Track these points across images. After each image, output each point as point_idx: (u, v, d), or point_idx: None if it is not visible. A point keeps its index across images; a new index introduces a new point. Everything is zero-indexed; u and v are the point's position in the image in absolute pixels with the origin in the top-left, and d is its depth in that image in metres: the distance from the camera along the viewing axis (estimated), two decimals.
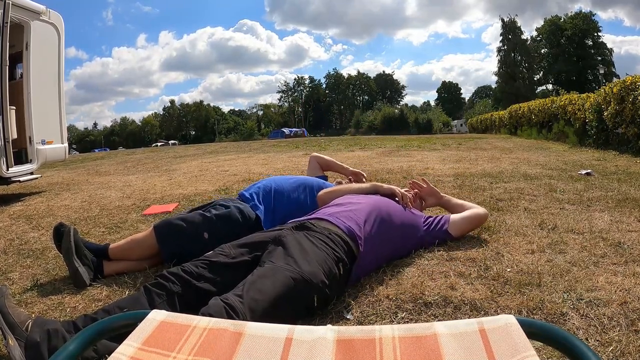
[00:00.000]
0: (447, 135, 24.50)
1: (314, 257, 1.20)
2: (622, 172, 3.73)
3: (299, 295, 1.11)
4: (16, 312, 1.06)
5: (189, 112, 64.58)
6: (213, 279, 1.22)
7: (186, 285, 1.19)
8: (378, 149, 8.47)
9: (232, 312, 0.97)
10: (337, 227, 1.37)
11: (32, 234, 2.42)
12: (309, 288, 1.12)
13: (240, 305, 0.99)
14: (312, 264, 1.17)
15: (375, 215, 1.48)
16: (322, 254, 1.23)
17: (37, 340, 0.99)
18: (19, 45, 4.10)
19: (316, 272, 1.16)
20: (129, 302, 1.14)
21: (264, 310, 1.01)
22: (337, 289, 1.25)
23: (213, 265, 1.26)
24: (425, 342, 0.50)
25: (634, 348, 0.94)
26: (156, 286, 1.18)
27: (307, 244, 1.26)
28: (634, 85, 5.75)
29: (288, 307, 1.09)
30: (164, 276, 1.21)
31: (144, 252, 1.65)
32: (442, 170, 4.29)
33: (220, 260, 1.27)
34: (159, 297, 1.15)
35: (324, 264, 1.20)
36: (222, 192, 3.49)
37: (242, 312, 0.98)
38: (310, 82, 67.31)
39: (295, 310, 1.12)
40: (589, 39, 42.57)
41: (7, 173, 3.73)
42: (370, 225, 1.44)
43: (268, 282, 1.08)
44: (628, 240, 1.70)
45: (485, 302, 1.20)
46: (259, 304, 1.01)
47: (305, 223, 1.40)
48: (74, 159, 10.45)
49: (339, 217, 1.43)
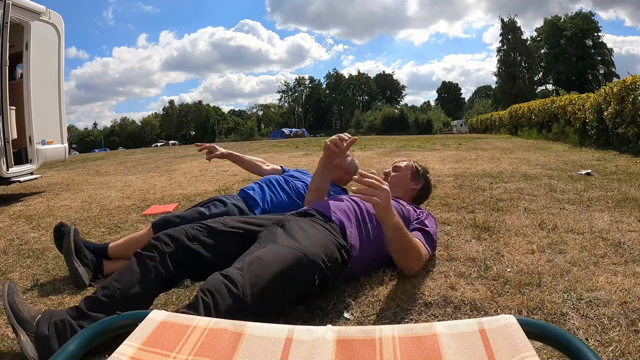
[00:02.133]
0: (447, 135, 24.51)
1: (317, 239, 1.21)
2: (622, 172, 3.73)
3: (301, 272, 1.10)
4: (26, 308, 1.07)
5: (189, 112, 64.57)
6: (206, 243, 1.24)
7: (178, 244, 1.20)
8: (378, 149, 8.47)
9: (230, 284, 0.95)
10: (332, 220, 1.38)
11: (32, 234, 2.42)
12: (311, 266, 1.11)
13: (240, 278, 0.97)
14: (315, 245, 1.17)
15: (357, 211, 1.47)
16: (325, 238, 1.24)
17: (47, 333, 1.01)
18: (19, 46, 4.10)
19: (319, 252, 1.15)
20: (125, 274, 1.15)
21: (265, 285, 0.99)
22: (337, 273, 1.25)
23: (209, 229, 1.28)
24: (425, 342, 0.50)
25: (634, 348, 0.94)
26: (148, 249, 1.19)
27: (310, 228, 1.27)
28: (634, 85, 5.75)
29: (289, 285, 1.07)
30: (156, 237, 1.23)
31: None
32: (442, 170, 4.29)
33: (217, 227, 1.30)
34: (150, 260, 1.16)
35: (327, 247, 1.20)
36: (222, 192, 3.49)
37: (242, 285, 0.96)
38: (310, 82, 67.37)
39: (295, 291, 1.11)
40: (588, 38, 42.57)
41: (7, 173, 3.74)
42: (356, 221, 1.44)
43: (271, 258, 1.06)
44: (628, 240, 1.70)
45: (485, 302, 1.20)
46: (260, 279, 1.00)
47: (310, 211, 1.42)
48: (74, 159, 10.45)
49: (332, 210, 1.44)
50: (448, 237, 1.85)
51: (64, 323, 1.04)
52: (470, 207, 2.45)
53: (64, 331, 1.02)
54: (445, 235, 1.87)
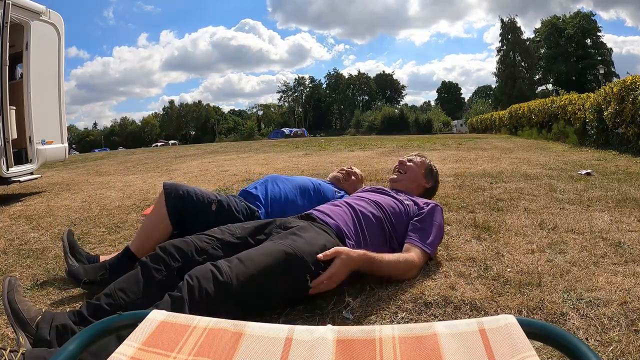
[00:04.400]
0: (447, 135, 24.50)
1: (315, 241, 1.22)
2: (622, 172, 3.73)
3: (290, 270, 1.11)
4: (26, 308, 1.05)
5: (189, 112, 64.55)
6: (215, 256, 1.21)
7: (186, 259, 1.18)
8: (378, 148, 8.47)
9: (218, 273, 0.98)
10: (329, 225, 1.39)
11: (32, 234, 2.41)
12: (301, 265, 1.13)
13: (228, 269, 1.00)
14: (307, 244, 1.19)
15: (355, 213, 1.48)
16: (321, 239, 1.25)
17: (47, 338, 0.99)
18: (19, 45, 4.10)
19: (310, 251, 1.17)
20: (129, 283, 1.14)
21: (251, 277, 1.02)
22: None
23: (218, 242, 1.27)
24: (425, 342, 0.50)
25: (634, 348, 0.94)
26: (155, 261, 1.17)
27: (311, 230, 1.28)
28: (634, 85, 5.75)
29: (277, 281, 1.09)
30: (163, 249, 1.20)
31: (159, 226, 1.60)
32: (442, 170, 4.28)
33: (225, 238, 1.29)
34: (157, 273, 1.14)
35: (322, 248, 1.21)
36: (222, 192, 3.49)
37: (228, 274, 1.00)
38: (310, 82, 67.36)
39: (285, 286, 1.13)
40: (588, 38, 42.56)
41: (7, 173, 3.73)
42: (354, 224, 1.45)
43: (261, 252, 1.10)
44: (628, 240, 1.70)
45: (485, 302, 1.20)
46: (247, 270, 1.03)
47: (311, 214, 1.43)
48: (74, 159, 10.45)
49: (331, 213, 1.45)
50: (448, 237, 1.85)
51: (65, 328, 1.02)
52: (470, 207, 2.45)
53: (65, 335, 1.01)
54: (445, 235, 1.87)
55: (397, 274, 1.36)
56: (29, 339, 0.99)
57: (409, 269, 1.38)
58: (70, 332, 1.02)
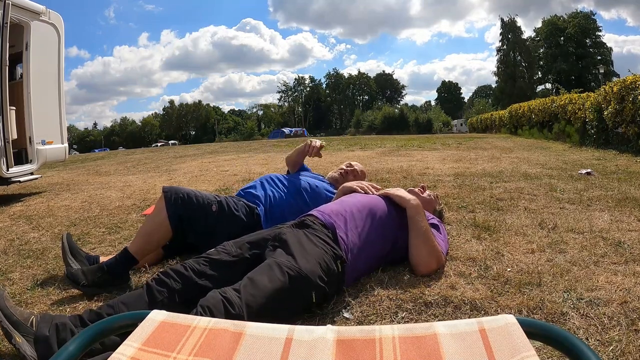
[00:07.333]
0: (447, 134, 24.48)
1: (313, 254, 1.22)
2: (622, 172, 3.73)
3: (296, 291, 1.13)
4: (17, 311, 1.07)
5: (189, 112, 64.51)
6: (213, 276, 1.24)
7: (187, 282, 1.21)
8: (378, 148, 8.46)
9: (229, 306, 1.00)
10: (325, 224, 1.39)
11: (32, 234, 2.42)
12: (307, 284, 1.14)
13: (238, 300, 1.02)
14: (310, 262, 1.19)
15: (352, 213, 1.47)
16: (320, 251, 1.25)
17: (47, 334, 1.01)
18: (19, 46, 4.10)
19: (314, 269, 1.18)
20: (132, 299, 1.16)
21: (261, 306, 1.04)
22: (336, 285, 1.27)
23: (214, 262, 1.27)
24: (425, 342, 0.50)
25: (634, 348, 0.94)
26: (158, 283, 1.20)
27: (306, 242, 1.28)
28: (634, 85, 5.75)
29: (285, 303, 1.11)
30: (165, 273, 1.23)
31: (159, 230, 1.61)
32: (442, 169, 4.28)
33: (222, 258, 1.29)
34: (160, 294, 1.17)
35: (322, 260, 1.22)
36: (222, 192, 3.49)
37: (239, 306, 1.01)
38: (310, 82, 67.31)
39: (293, 306, 1.14)
40: (588, 38, 42.53)
41: (7, 173, 3.73)
42: (353, 223, 1.44)
43: (265, 278, 1.10)
44: (628, 239, 1.70)
45: (485, 302, 1.20)
46: (256, 299, 1.04)
47: (305, 221, 1.42)
48: (74, 159, 10.45)
49: (324, 211, 1.45)
50: (448, 236, 1.85)
51: (65, 326, 1.05)
52: (470, 206, 2.45)
53: (64, 332, 1.03)
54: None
55: (426, 249, 1.42)
56: (25, 338, 1.00)
57: (436, 251, 1.43)
58: (69, 329, 1.04)
